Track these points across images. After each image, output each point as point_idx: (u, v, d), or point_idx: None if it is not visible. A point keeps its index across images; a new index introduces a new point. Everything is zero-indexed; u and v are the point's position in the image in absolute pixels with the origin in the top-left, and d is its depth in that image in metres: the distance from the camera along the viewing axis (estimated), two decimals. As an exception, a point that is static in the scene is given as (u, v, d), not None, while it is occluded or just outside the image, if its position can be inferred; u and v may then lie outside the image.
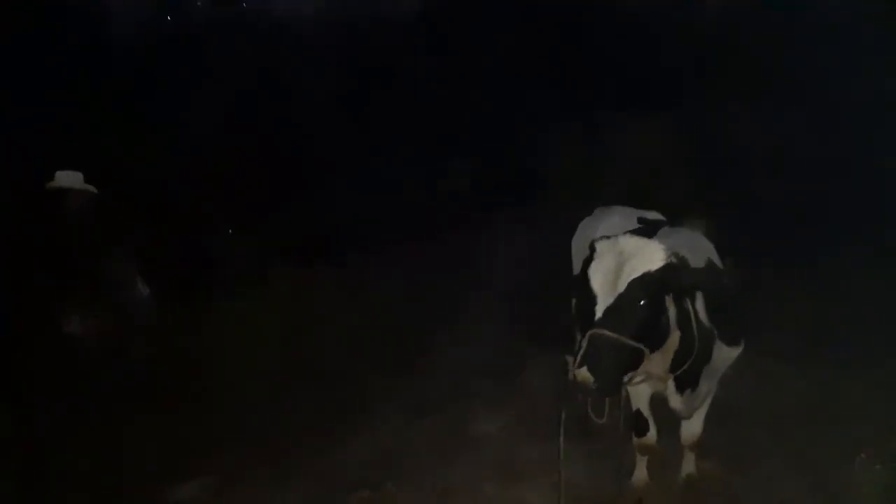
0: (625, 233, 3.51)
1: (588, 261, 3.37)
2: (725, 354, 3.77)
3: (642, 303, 3.20)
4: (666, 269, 3.24)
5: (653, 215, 4.46)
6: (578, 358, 3.18)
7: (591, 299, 3.27)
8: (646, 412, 4.07)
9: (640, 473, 4.30)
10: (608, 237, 3.42)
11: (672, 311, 3.37)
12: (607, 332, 3.16)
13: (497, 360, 5.79)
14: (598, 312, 3.22)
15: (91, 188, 5.59)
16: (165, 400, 5.49)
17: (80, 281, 5.50)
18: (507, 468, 4.61)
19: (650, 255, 3.25)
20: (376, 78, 11.44)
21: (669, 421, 4.12)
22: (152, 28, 11.29)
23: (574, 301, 4.40)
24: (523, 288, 6.58)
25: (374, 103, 10.78)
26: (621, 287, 3.20)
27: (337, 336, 6.23)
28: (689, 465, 4.28)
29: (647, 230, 3.83)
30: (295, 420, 5.36)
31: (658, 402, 4.02)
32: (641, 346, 3.22)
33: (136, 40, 10.87)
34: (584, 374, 3.14)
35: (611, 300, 3.21)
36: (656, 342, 3.33)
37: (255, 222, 8.13)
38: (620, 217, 4.43)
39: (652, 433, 4.13)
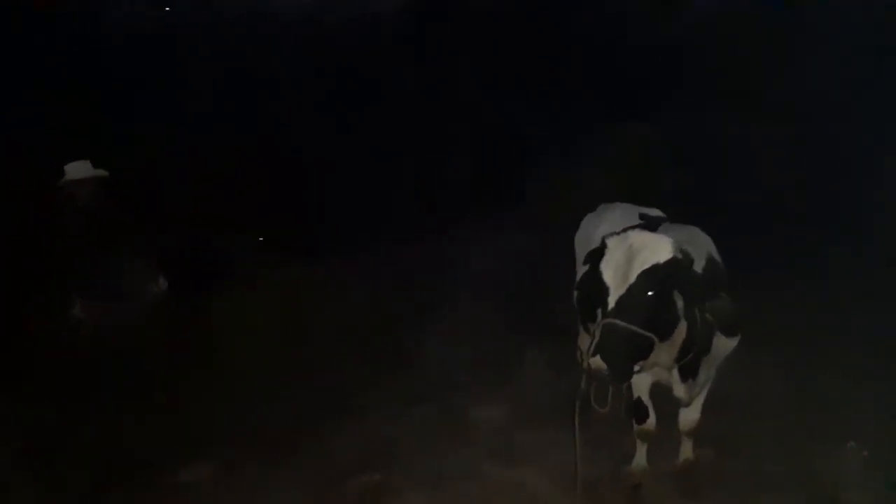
0: (633, 228, 3.69)
1: (599, 255, 3.55)
2: (724, 345, 3.96)
3: (651, 294, 3.38)
4: (672, 262, 3.42)
5: (654, 212, 4.64)
6: (592, 347, 3.36)
7: (603, 291, 3.44)
8: (646, 400, 4.24)
9: (640, 459, 4.46)
10: (618, 233, 3.60)
11: (679, 303, 3.55)
12: (619, 322, 3.33)
13: (491, 352, 5.91)
14: (611, 304, 3.40)
15: (102, 172, 5.74)
16: (167, 388, 5.56)
17: (89, 267, 5.61)
18: (503, 453, 4.73)
19: (658, 249, 3.43)
20: (366, 79, 11.54)
21: (668, 409, 4.31)
22: (150, 20, 11.27)
23: (577, 294, 4.58)
24: (517, 284, 6.73)
25: (365, 104, 10.89)
26: (631, 279, 3.38)
27: (335, 330, 6.28)
28: (686, 450, 4.45)
29: (649, 226, 4.02)
30: (293, 410, 5.42)
31: (657, 390, 4.22)
32: (651, 335, 3.40)
33: (135, 32, 10.84)
34: (598, 362, 3.32)
35: (622, 292, 3.39)
36: (665, 332, 3.51)
37: (251, 220, 8.17)
38: (622, 213, 4.59)
39: (652, 420, 4.29)
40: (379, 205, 9.09)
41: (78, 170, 5.69)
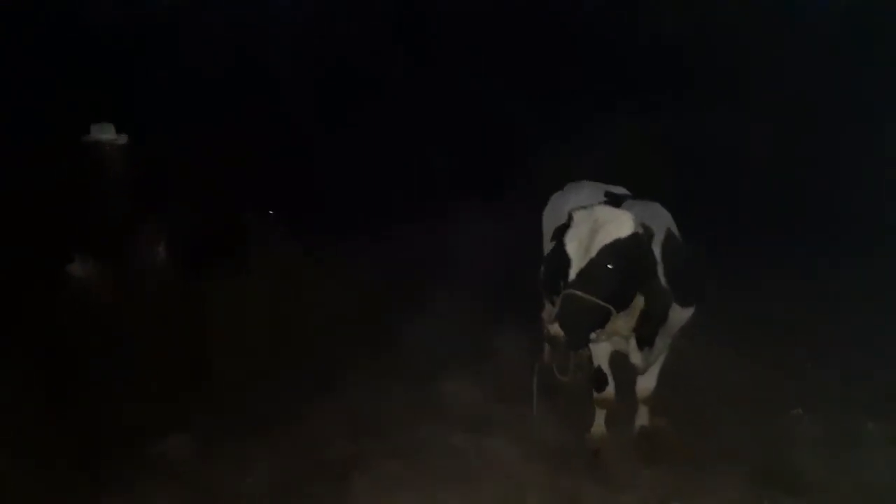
0: (599, 203, 3.86)
1: (565, 228, 3.71)
2: (680, 315, 4.15)
3: (610, 267, 3.55)
4: (633, 237, 3.60)
5: (619, 189, 4.80)
6: (554, 315, 3.53)
7: (566, 263, 3.61)
8: (606, 368, 4.43)
9: (599, 426, 4.65)
10: (585, 207, 3.76)
11: (637, 275, 3.73)
12: (579, 293, 3.51)
13: (470, 332, 6.00)
14: (572, 275, 3.57)
15: (122, 137, 6.12)
16: (150, 359, 5.61)
17: (92, 227, 5.76)
18: (475, 426, 4.86)
19: (620, 224, 3.61)
20: (354, 68, 11.55)
21: (626, 377, 4.51)
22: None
23: (543, 267, 4.74)
24: (498, 267, 6.82)
25: (353, 91, 10.92)
26: (593, 252, 3.55)
27: (319, 311, 6.34)
28: (642, 417, 4.66)
29: (613, 202, 4.19)
30: (275, 386, 5.48)
31: (616, 360, 4.41)
32: (609, 306, 3.57)
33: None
34: (556, 329, 3.50)
35: (583, 264, 3.56)
36: (623, 303, 3.69)
37: (243, 202, 8.22)
38: (590, 190, 4.74)
39: (610, 389, 4.49)
40: (363, 190, 9.11)
41: (102, 130, 6.21)
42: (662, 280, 3.89)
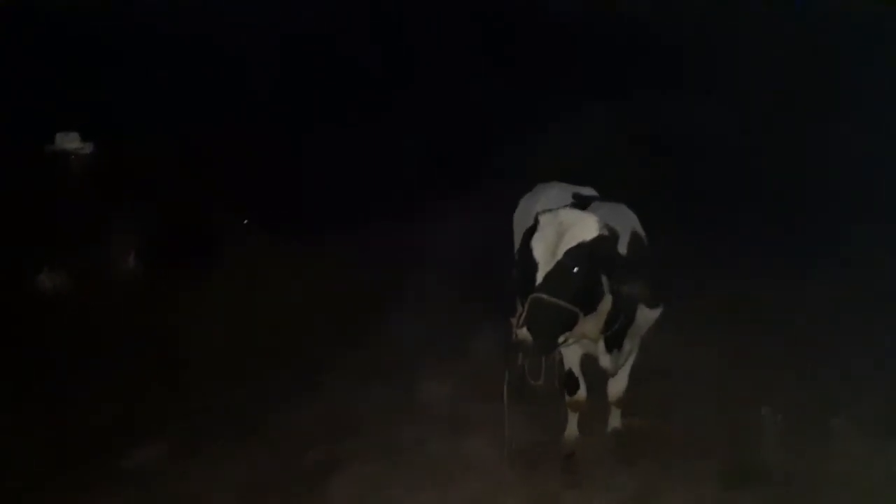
0: (565, 206, 3.85)
1: (531, 231, 3.70)
2: (647, 316, 4.17)
3: (576, 270, 3.54)
4: (598, 239, 3.59)
5: (587, 191, 4.80)
6: (521, 320, 3.52)
7: (533, 267, 3.60)
8: (577, 371, 4.43)
9: (572, 429, 4.64)
10: (550, 210, 3.76)
11: (604, 278, 3.73)
12: (545, 297, 3.49)
13: (444, 331, 6.03)
14: (539, 278, 3.55)
15: (88, 146, 6.08)
16: (125, 366, 5.59)
17: (59, 238, 5.71)
18: (452, 426, 4.88)
19: (585, 227, 3.60)
20: (330, 64, 11.48)
21: (598, 380, 4.51)
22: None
23: (515, 270, 4.73)
24: (470, 265, 6.84)
25: (328, 91, 10.87)
26: (559, 255, 3.54)
27: (297, 310, 6.38)
28: (615, 419, 4.67)
29: (581, 204, 4.20)
30: (253, 388, 5.51)
31: (587, 362, 4.40)
32: (576, 309, 3.56)
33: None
34: (524, 333, 3.48)
35: (549, 267, 3.55)
36: (590, 306, 3.68)
37: (222, 201, 8.14)
38: (558, 192, 4.73)
39: (582, 391, 4.49)
40: (339, 189, 9.07)
41: (67, 140, 6.17)
42: (628, 281, 3.89)
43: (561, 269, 3.53)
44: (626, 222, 4.09)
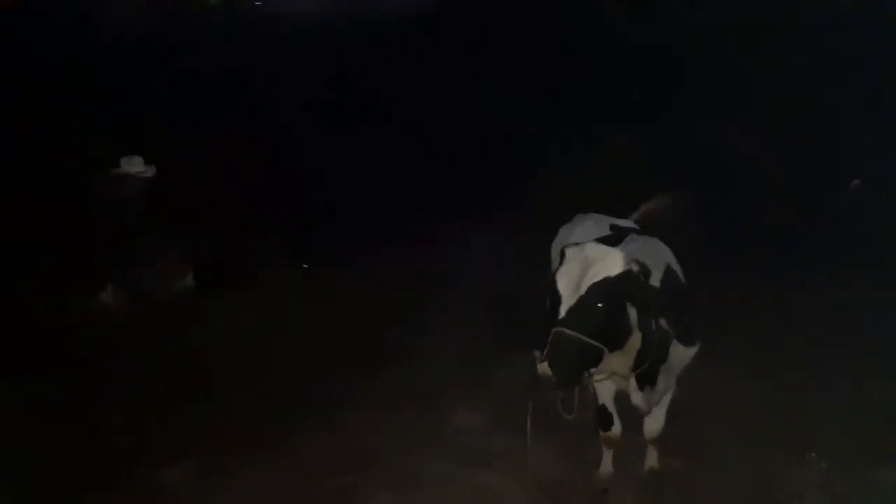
0: (592, 241, 3.80)
1: (559, 265, 3.66)
2: (682, 354, 4.04)
3: (600, 305, 3.48)
4: (624, 275, 3.52)
5: (625, 223, 4.73)
6: (543, 353, 3.48)
7: (557, 300, 3.55)
8: (610, 407, 4.33)
9: (606, 466, 4.55)
10: (577, 244, 3.71)
11: (633, 314, 3.64)
12: (567, 331, 3.44)
13: (471, 358, 5.96)
14: (562, 312, 3.51)
15: (150, 169, 6.51)
16: (155, 387, 5.71)
17: (123, 257, 6.05)
18: (477, 458, 4.80)
19: (611, 263, 3.53)
20: (362, 79, 11.71)
21: (634, 417, 4.38)
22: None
23: (548, 301, 4.68)
24: (500, 290, 6.75)
25: (360, 105, 11.07)
26: (582, 290, 3.49)
27: (321, 333, 6.40)
28: (651, 458, 4.54)
29: (614, 238, 4.14)
30: (275, 412, 5.51)
31: (622, 398, 4.29)
32: (600, 345, 3.49)
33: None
34: (544, 368, 3.43)
35: (573, 302, 3.50)
36: (616, 342, 3.60)
37: (248, 222, 8.35)
38: (595, 224, 4.68)
39: (616, 428, 4.39)
40: (367, 207, 9.11)
41: (130, 164, 6.62)
42: (658, 318, 3.80)
43: (583, 304, 3.47)
44: (660, 257, 4.00)
